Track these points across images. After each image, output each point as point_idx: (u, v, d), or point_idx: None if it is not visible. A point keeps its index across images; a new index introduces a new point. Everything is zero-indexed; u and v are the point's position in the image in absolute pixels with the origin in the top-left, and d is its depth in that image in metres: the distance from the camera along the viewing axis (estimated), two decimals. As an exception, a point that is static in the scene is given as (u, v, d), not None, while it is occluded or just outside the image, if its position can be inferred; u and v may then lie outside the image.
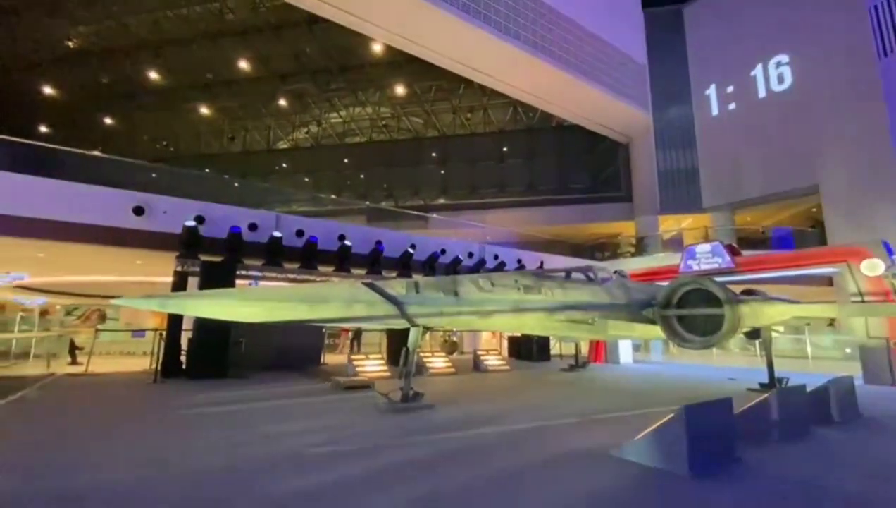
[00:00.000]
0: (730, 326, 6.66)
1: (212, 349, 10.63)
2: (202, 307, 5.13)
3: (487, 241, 19.79)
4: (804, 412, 5.75)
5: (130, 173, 14.53)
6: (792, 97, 20.84)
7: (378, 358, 12.21)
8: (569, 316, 7.38)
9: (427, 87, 29.95)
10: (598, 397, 8.97)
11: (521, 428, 6.02)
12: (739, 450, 4.58)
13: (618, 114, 24.23)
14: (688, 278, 7.81)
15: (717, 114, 23.99)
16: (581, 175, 30.42)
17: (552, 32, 20.25)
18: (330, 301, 5.53)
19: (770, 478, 4.05)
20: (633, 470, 4.19)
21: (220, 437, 5.40)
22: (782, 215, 24.51)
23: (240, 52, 26.57)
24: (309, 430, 5.82)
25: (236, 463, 4.35)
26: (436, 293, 6.29)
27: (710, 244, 14.39)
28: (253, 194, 21.63)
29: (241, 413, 6.86)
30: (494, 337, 20.15)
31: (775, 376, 9.56)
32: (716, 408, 4.54)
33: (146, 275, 16.06)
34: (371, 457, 4.61)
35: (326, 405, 7.68)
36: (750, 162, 22.07)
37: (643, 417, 6.09)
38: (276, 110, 32.55)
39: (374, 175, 33.30)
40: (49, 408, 7.21)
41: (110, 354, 16.73)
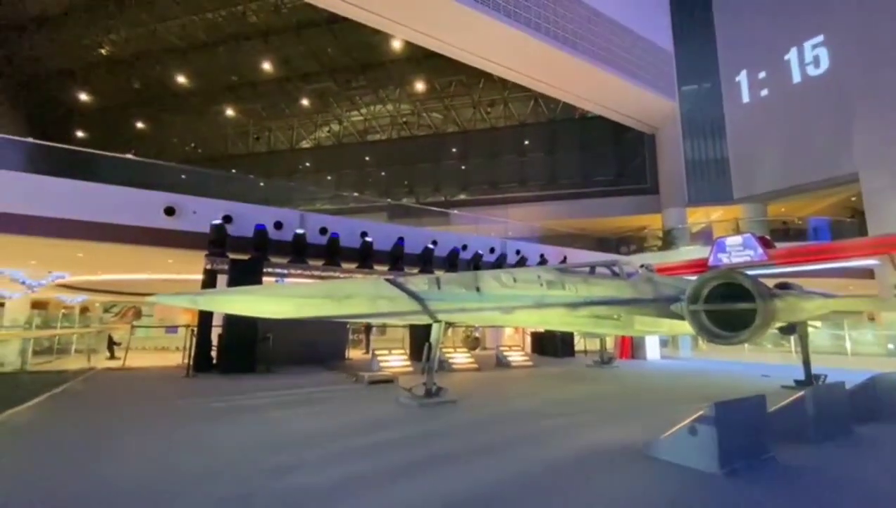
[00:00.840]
0: (762, 321, 6.42)
1: (241, 345, 10.94)
2: (231, 304, 5.29)
3: (509, 236, 19.66)
4: (843, 410, 5.51)
5: (161, 175, 15.04)
6: (829, 81, 19.83)
7: (401, 353, 12.32)
8: (593, 312, 7.27)
9: (447, 82, 29.86)
10: (625, 393, 8.82)
11: (546, 424, 5.97)
12: (773, 449, 4.42)
13: (643, 103, 23.59)
14: (718, 271, 7.57)
15: (748, 101, 23.05)
16: (605, 167, 29.78)
17: (573, 22, 19.84)
18: (354, 297, 5.61)
19: (805, 478, 3.90)
20: (662, 468, 4.10)
21: (250, 430, 5.56)
22: (819, 206, 23.43)
23: (263, 53, 27.09)
24: (335, 423, 5.93)
25: (266, 456, 4.46)
26: (457, 289, 6.29)
27: (742, 237, 13.92)
28: (278, 193, 22.09)
29: (270, 407, 7.03)
30: (517, 333, 20.03)
31: (812, 373, 9.19)
32: (748, 405, 4.40)
33: (178, 273, 16.63)
34: (396, 452, 4.65)
35: (351, 400, 7.80)
36: (784, 150, 21.14)
37: (672, 414, 5.95)
38: (298, 110, 33.09)
39: (396, 172, 33.49)
40: (90, 401, 7.56)
41: (145, 349, 17.41)
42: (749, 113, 22.91)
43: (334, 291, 5.60)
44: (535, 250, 18.01)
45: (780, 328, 9.49)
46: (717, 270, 10.73)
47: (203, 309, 9.56)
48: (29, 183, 10.79)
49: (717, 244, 14.20)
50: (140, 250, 12.29)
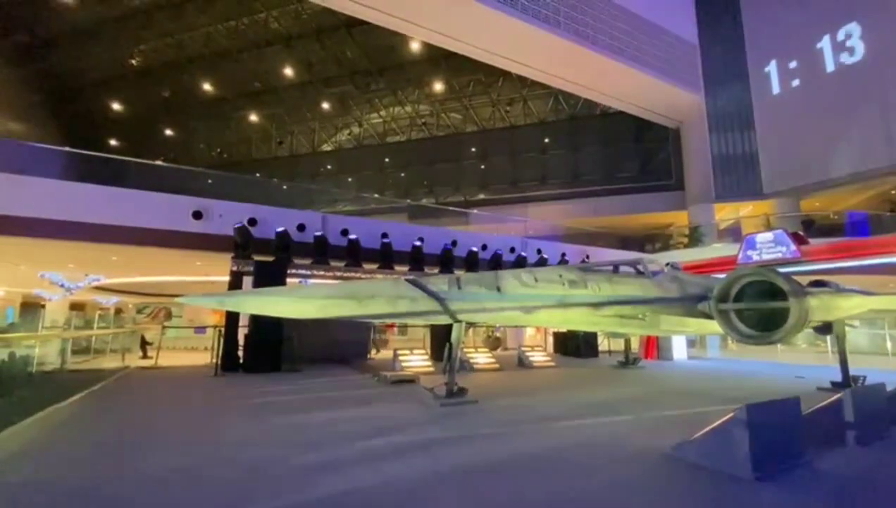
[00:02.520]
0: (796, 320, 6.16)
1: (266, 345, 11.18)
2: (258, 305, 5.42)
3: (530, 235, 19.49)
4: (884, 412, 5.26)
5: (189, 180, 15.52)
6: (865, 70, 18.94)
7: (422, 353, 12.37)
8: (617, 311, 7.13)
9: (465, 81, 29.81)
10: (651, 394, 8.63)
11: (570, 425, 5.91)
12: (809, 453, 4.25)
13: (667, 98, 23.04)
14: (748, 269, 7.32)
15: (778, 92, 22.23)
16: (628, 164, 29.17)
17: (594, 17, 19.53)
18: (375, 298, 5.66)
19: (843, 484, 3.74)
20: (692, 471, 4.00)
21: (279, 428, 5.68)
22: (856, 200, 22.41)
23: (285, 59, 27.63)
24: (359, 423, 6.00)
25: (293, 454, 4.54)
26: (478, 289, 6.27)
27: (773, 233, 13.44)
28: (300, 195, 22.50)
29: (296, 405, 7.17)
30: (539, 333, 19.84)
31: (850, 374, 8.80)
32: (782, 408, 4.24)
33: (206, 275, 17.11)
34: (421, 454, 4.67)
35: (374, 399, 7.88)
36: (818, 143, 20.31)
37: (701, 416, 5.79)
38: (319, 114, 33.62)
39: (415, 173, 33.65)
40: (125, 398, 7.87)
41: (175, 349, 17.99)
42: (779, 105, 22.10)
43: (356, 291, 5.66)
44: (556, 249, 17.80)
45: (814, 327, 9.11)
46: (746, 267, 10.38)
47: (230, 310, 9.80)
48: (66, 190, 11.30)
49: (746, 241, 13.74)
50: (170, 253, 12.71)
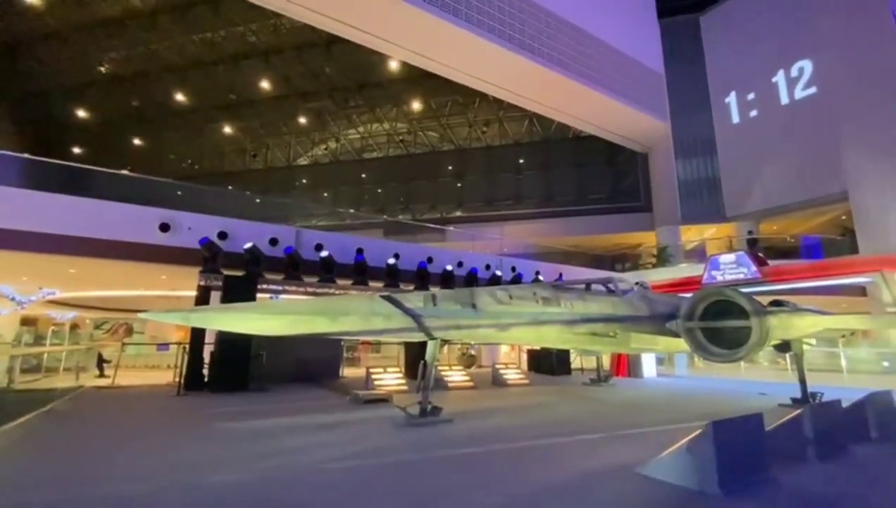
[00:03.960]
0: (758, 338, 6.43)
1: (233, 363, 10.79)
2: (225, 321, 5.24)
3: (505, 253, 19.71)
4: (840, 428, 5.49)
5: (157, 191, 15.05)
6: (816, 103, 20.36)
7: (396, 372, 12.18)
8: (589, 329, 7.26)
9: (443, 102, 30.34)
10: (622, 412, 8.74)
11: (543, 444, 5.90)
12: (772, 468, 4.38)
13: (636, 124, 24.03)
14: (712, 289, 7.61)
15: (738, 122, 23.57)
16: (599, 186, 30.15)
17: (568, 45, 20.32)
18: (349, 314, 5.58)
19: (805, 499, 3.86)
20: (661, 489, 4.04)
21: (242, 450, 5.44)
22: (811, 224, 23.76)
23: (262, 72, 27.46)
24: (329, 444, 5.82)
25: (258, 477, 4.36)
26: (453, 306, 6.27)
27: (735, 254, 14.04)
28: (274, 209, 22.12)
29: (262, 427, 6.90)
30: (513, 350, 19.90)
31: (808, 391, 9.17)
32: (746, 424, 4.37)
33: (171, 289, 16.49)
34: (390, 474, 4.57)
35: (345, 419, 7.67)
36: (774, 170, 21.55)
37: (670, 433, 5.89)
38: (296, 128, 33.42)
39: (392, 189, 33.73)
40: (77, 420, 7.39)
41: (136, 367, 17.12)
42: (739, 133, 23.40)
43: (329, 307, 5.58)
44: (530, 267, 18.04)
45: (775, 345, 9.50)
46: (711, 287, 10.79)
47: (196, 326, 9.46)
48: (22, 198, 10.74)
49: (710, 262, 14.30)
50: (134, 266, 12.20)
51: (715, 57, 24.85)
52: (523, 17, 18.83)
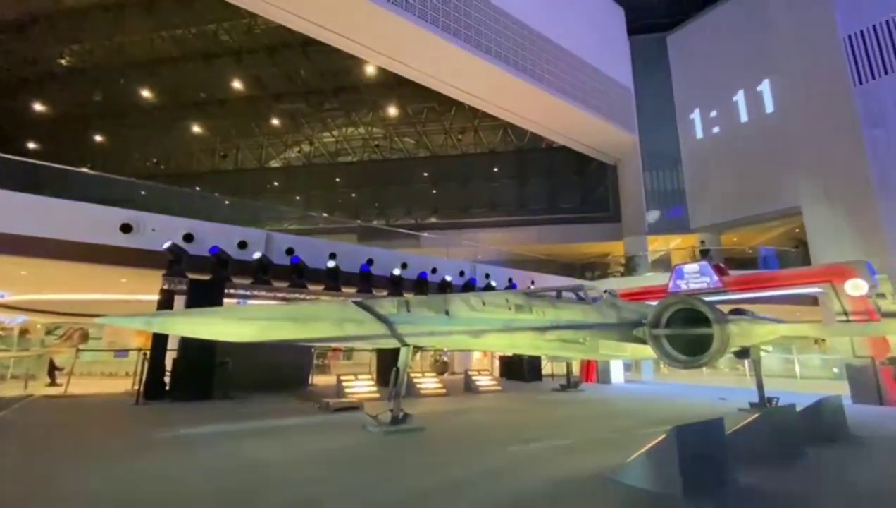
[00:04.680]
0: (719, 345, 6.69)
1: (197, 370, 10.40)
2: (189, 327, 5.03)
3: (479, 260, 19.83)
4: (795, 432, 5.76)
5: (119, 191, 14.42)
6: (774, 122, 21.51)
7: (368, 379, 12.02)
8: (560, 335, 7.37)
9: (419, 108, 30.43)
10: (591, 418, 8.89)
11: (512, 451, 5.93)
12: (732, 471, 4.54)
13: (605, 136, 24.74)
14: (677, 297, 7.87)
15: (701, 137, 24.62)
16: (571, 195, 30.87)
17: (542, 58, 20.79)
18: (320, 320, 5.46)
19: (764, 500, 4.02)
20: (627, 494, 4.13)
21: (203, 462, 5.24)
22: (767, 236, 24.97)
23: (234, 72, 26.85)
24: (296, 453, 5.67)
25: (216, 490, 4.20)
26: (426, 312, 6.25)
27: (698, 264, 14.58)
28: (244, 212, 21.53)
29: (225, 436, 6.66)
30: (486, 357, 19.99)
31: (766, 395, 9.59)
32: (708, 429, 4.52)
33: (132, 293, 15.78)
34: (359, 482, 4.49)
35: (314, 428, 7.51)
36: (735, 184, 22.60)
37: (636, 438, 6.04)
38: (268, 129, 32.77)
39: (366, 194, 33.49)
40: (20, 432, 6.94)
41: (91, 374, 16.26)
42: (703, 148, 24.44)
43: (299, 313, 5.45)
44: (503, 274, 18.22)
45: (735, 352, 9.90)
46: (676, 296, 11.17)
47: (158, 331, 9.08)
48: (-30, 195, 10.10)
49: (675, 271, 14.81)
50: (92, 269, 11.62)
51: (681, 75, 25.95)
52: (498, 27, 19.15)
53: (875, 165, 17.26)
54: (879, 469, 5.25)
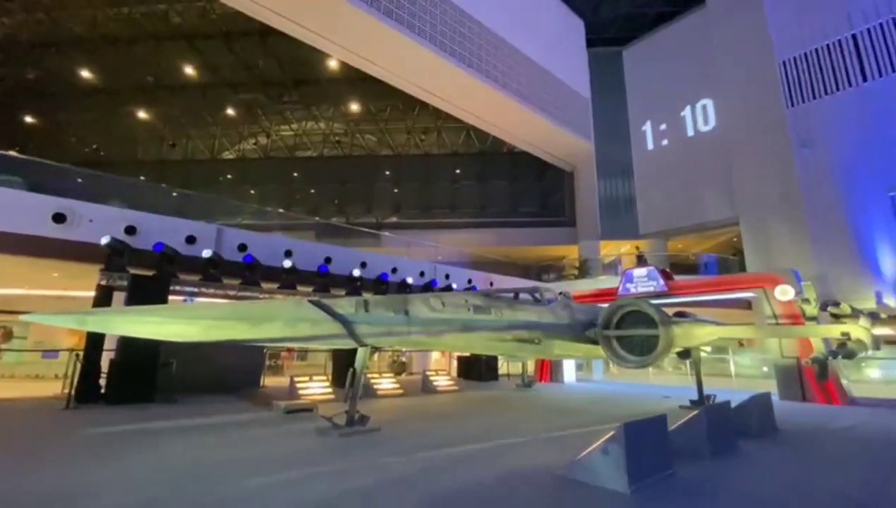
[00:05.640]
0: (664, 346, 7.05)
1: (137, 371, 9.76)
2: (129, 325, 4.71)
3: (439, 260, 19.88)
4: (730, 426, 6.17)
5: (52, 177, 13.29)
6: (715, 137, 23.02)
7: (322, 380, 11.74)
8: (517, 336, 7.51)
9: (383, 106, 30.12)
10: (543, 416, 9.13)
11: (467, 449, 5.99)
12: (673, 465, 4.81)
13: (563, 143, 25.52)
14: (626, 300, 8.23)
15: (651, 148, 25.94)
16: (530, 200, 31.62)
17: (505, 63, 21.16)
18: (273, 320, 5.27)
19: (704, 492, 4.28)
20: (576, 489, 4.27)
21: (140, 469, 4.92)
22: (709, 244, 26.67)
23: (186, 57, 25.47)
24: (242, 459, 5.45)
25: (146, 502, 3.96)
26: (386, 312, 6.19)
27: (646, 269, 15.31)
28: (193, 204, 20.44)
29: (166, 442, 6.30)
30: (444, 357, 20.05)
31: (704, 393, 10.21)
32: (652, 425, 4.77)
33: (64, 289, 14.62)
34: (311, 486, 4.38)
35: (264, 431, 7.24)
36: (680, 194, 23.98)
37: (586, 435, 6.26)
38: (222, 119, 31.34)
39: (326, 191, 32.75)
40: (-68, 441, 6.25)
41: (15, 377, 14.91)
42: (652, 159, 25.76)
43: (250, 312, 5.24)
44: (463, 275, 18.36)
45: (678, 352, 10.47)
46: (625, 298, 11.68)
47: (93, 331, 8.45)
48: None
49: (625, 275, 15.49)
50: (18, 262, 10.64)
51: (634, 88, 27.23)
52: (463, 31, 19.32)
53: (804, 182, 18.85)
54: (800, 459, 5.73)
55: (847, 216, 17.60)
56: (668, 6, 26.00)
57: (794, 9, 20.29)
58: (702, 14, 24.07)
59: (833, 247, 17.64)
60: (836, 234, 17.66)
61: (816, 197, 18.44)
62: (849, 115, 18.21)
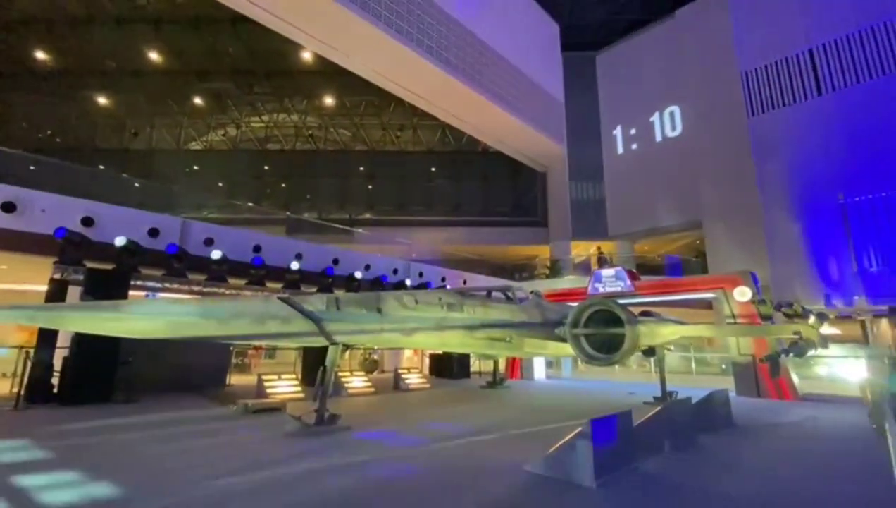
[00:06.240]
0: (630, 344, 7.28)
1: (93, 370, 9.31)
2: (84, 321, 4.48)
3: (413, 258, 19.81)
4: (690, 422, 6.44)
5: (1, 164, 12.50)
6: (681, 143, 23.86)
7: (292, 378, 11.53)
8: (489, 334, 7.59)
9: (357, 101, 29.72)
10: (514, 412, 9.26)
11: (438, 447, 6.01)
12: (637, 459, 4.98)
13: (536, 144, 25.87)
14: (595, 299, 8.45)
15: (622, 152, 26.65)
16: (503, 199, 31.94)
17: (481, 63, 21.26)
18: (240, 317, 5.15)
19: (665, 485, 4.45)
20: (545, 485, 4.36)
21: (91, 472, 4.71)
22: (673, 246, 27.64)
23: (151, 42, 24.37)
24: (204, 460, 5.29)
25: (107, 504, 3.80)
26: (358, 310, 6.14)
27: (614, 269, 15.75)
28: (157, 196, 19.64)
29: (121, 442, 6.04)
30: (416, 355, 20.03)
31: (667, 390, 10.60)
32: (618, 421, 4.92)
33: (13, 282, 13.79)
34: (277, 488, 4.30)
35: (229, 431, 7.05)
36: (647, 197, 24.75)
37: (556, 430, 6.40)
38: (189, 109, 30.18)
39: (298, 185, 32.08)
40: None
41: (-45, 376, 13.92)
42: (622, 162, 26.47)
43: (217, 309, 5.08)
44: (437, 272, 18.37)
45: (643, 350, 10.83)
46: (594, 298, 11.98)
47: (45, 327, 8.02)
48: None
49: (594, 275, 15.88)
50: (-41, 253, 9.96)
51: (606, 92, 27.90)
52: (441, 28, 19.29)
53: (762, 188, 19.80)
54: (753, 451, 6.04)
55: (801, 222, 18.62)
56: (640, 15, 26.73)
57: (757, 22, 21.25)
58: (671, 24, 24.88)
59: (788, 251, 18.62)
60: (791, 238, 18.65)
61: (774, 203, 19.42)
62: (805, 126, 19.24)
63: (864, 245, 17.04)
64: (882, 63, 17.72)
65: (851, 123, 18.02)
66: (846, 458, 5.73)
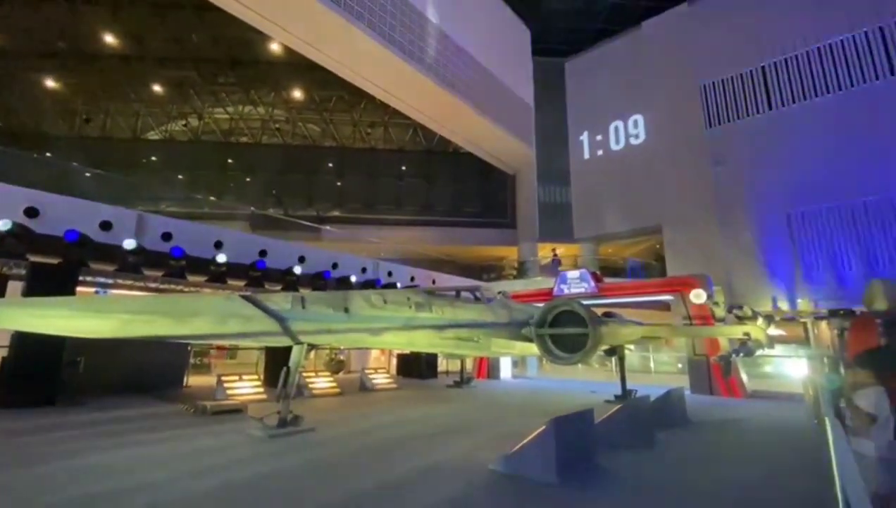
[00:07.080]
0: (593, 344, 7.48)
1: (35, 371, 8.72)
2: (27, 319, 4.19)
3: (382, 257, 19.65)
4: (649, 419, 6.69)
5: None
6: (644, 151, 24.75)
7: (253, 379, 11.19)
8: (457, 334, 7.62)
9: (328, 96, 29.18)
10: (480, 411, 9.35)
11: (403, 446, 5.99)
12: (598, 456, 5.13)
13: (505, 146, 26.20)
14: (560, 300, 8.64)
15: (587, 157, 27.37)
16: (473, 200, 32.17)
17: (452, 62, 21.33)
18: (199, 315, 4.94)
19: (625, 479, 4.60)
20: (508, 482, 4.42)
21: (39, 477, 4.42)
22: (635, 249, 28.64)
23: (106, 24, 23.07)
24: (157, 466, 5.06)
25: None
26: (324, 309, 6.02)
27: (579, 271, 16.17)
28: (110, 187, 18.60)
29: (62, 449, 5.68)
30: (384, 355, 19.87)
31: (627, 388, 10.98)
32: (580, 419, 5.05)
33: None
34: (236, 493, 4.17)
35: (187, 435, 6.77)
36: (611, 201, 25.54)
37: (520, 429, 6.50)
38: (148, 96, 28.75)
39: (263, 180, 31.15)
40: None
41: None
42: (588, 167, 27.18)
43: (174, 307, 4.86)
44: (406, 272, 18.29)
45: (605, 350, 11.17)
46: (559, 299, 12.26)
47: (-19, 324, 7.43)
48: None
49: (560, 277, 16.25)
50: None
51: (574, 98, 28.57)
52: (413, 26, 19.22)
53: (717, 196, 20.83)
54: (707, 446, 6.35)
55: (751, 229, 19.69)
56: (608, 24, 27.51)
57: (715, 38, 22.32)
58: (637, 34, 25.75)
59: (740, 255, 19.66)
60: (743, 244, 19.71)
61: (727, 211, 20.45)
62: (756, 139, 20.36)
63: (808, 253, 18.21)
64: (826, 81, 18.98)
65: (798, 138, 19.22)
66: (789, 451, 6.11)
